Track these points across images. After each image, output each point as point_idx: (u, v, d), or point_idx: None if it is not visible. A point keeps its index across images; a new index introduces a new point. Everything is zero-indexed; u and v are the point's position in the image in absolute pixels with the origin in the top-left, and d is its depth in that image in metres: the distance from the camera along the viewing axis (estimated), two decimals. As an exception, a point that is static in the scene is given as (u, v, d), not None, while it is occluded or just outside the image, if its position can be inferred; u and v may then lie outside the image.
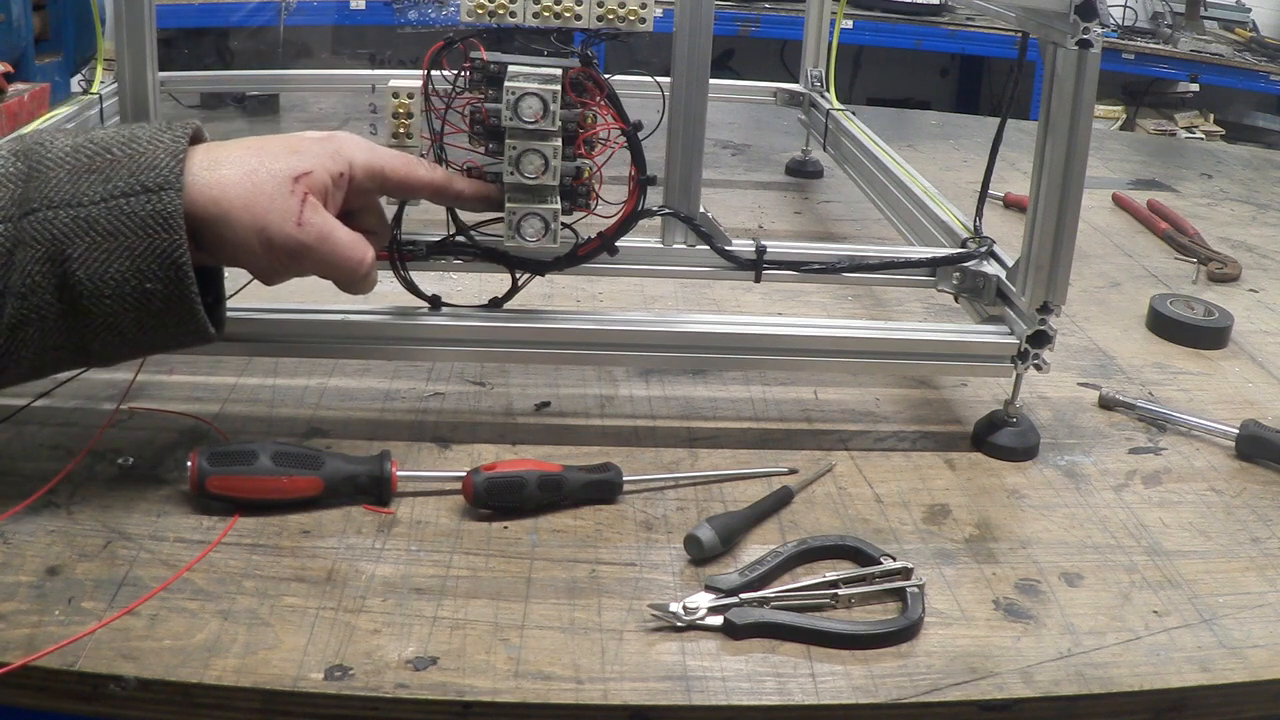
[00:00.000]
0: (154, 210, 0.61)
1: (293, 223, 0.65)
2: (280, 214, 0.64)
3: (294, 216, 0.65)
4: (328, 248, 0.67)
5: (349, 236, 0.69)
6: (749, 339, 0.85)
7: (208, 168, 0.64)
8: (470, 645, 0.64)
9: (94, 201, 0.61)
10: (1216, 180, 1.73)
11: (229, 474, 0.72)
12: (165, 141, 0.63)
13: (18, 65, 1.41)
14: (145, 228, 0.61)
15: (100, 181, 0.62)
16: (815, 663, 0.64)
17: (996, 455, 0.87)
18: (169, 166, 0.62)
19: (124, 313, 0.63)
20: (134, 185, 0.62)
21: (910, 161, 1.18)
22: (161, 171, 0.62)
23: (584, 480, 0.76)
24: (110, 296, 0.62)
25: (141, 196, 0.61)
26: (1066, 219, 0.82)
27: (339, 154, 0.69)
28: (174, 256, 0.62)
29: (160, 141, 0.63)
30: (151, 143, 0.63)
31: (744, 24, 3.50)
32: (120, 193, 0.61)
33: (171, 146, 0.63)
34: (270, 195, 0.64)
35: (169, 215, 0.61)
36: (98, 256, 0.61)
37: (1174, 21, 3.90)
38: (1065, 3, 0.77)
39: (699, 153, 0.84)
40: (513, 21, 0.77)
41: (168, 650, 0.61)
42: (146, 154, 0.62)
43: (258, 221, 0.64)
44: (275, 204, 0.64)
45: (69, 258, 0.61)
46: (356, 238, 0.69)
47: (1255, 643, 0.68)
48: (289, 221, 0.65)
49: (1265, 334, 1.14)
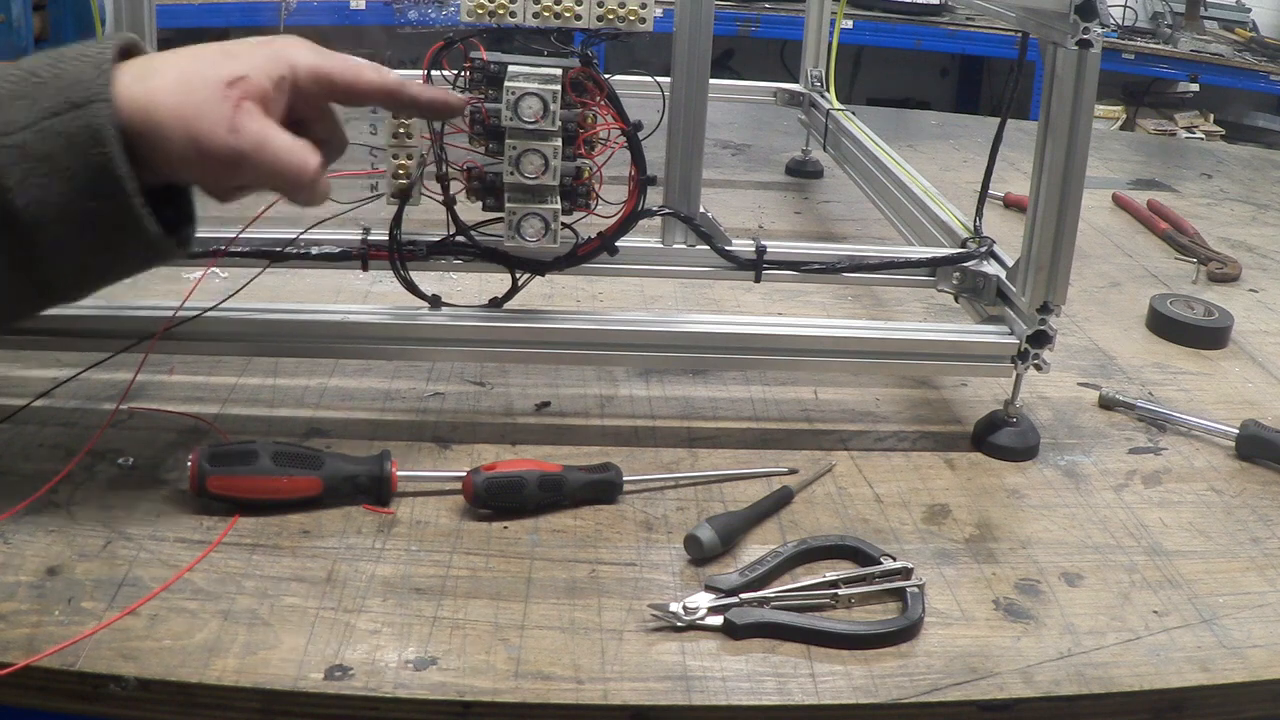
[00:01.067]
0: (83, 126, 0.58)
1: (225, 129, 0.61)
2: (212, 121, 0.61)
3: (227, 122, 0.61)
4: (266, 154, 0.62)
5: (290, 142, 0.64)
6: (749, 339, 0.85)
7: (138, 79, 0.61)
8: (470, 645, 0.64)
9: (23, 127, 0.58)
10: (1216, 180, 1.73)
11: (229, 474, 0.72)
12: (91, 55, 0.60)
13: (18, 65, 1.40)
14: (75, 145, 0.58)
15: (27, 106, 0.59)
16: (815, 663, 0.64)
17: (996, 455, 0.87)
18: (94, 79, 0.59)
19: (73, 238, 0.60)
20: (61, 104, 0.58)
21: (910, 161, 1.18)
22: (88, 85, 0.58)
23: (584, 480, 0.76)
24: (55, 222, 0.59)
25: (69, 115, 0.58)
26: (1066, 219, 0.82)
27: (279, 56, 0.65)
28: (109, 169, 0.58)
29: (86, 56, 0.60)
30: (78, 59, 0.60)
31: (744, 24, 3.49)
32: (48, 114, 0.58)
33: (97, 59, 0.60)
34: (202, 102, 0.61)
35: (98, 129, 0.58)
36: (35, 182, 0.58)
37: (1174, 21, 3.90)
38: (1065, 3, 0.77)
39: (699, 153, 0.84)
40: (513, 21, 0.77)
41: (168, 650, 0.61)
42: (72, 71, 0.59)
43: (190, 130, 0.60)
44: (207, 110, 0.61)
45: (6, 188, 0.58)
46: (300, 143, 0.65)
47: (1255, 643, 0.68)
48: (221, 128, 0.61)
49: (1265, 334, 1.14)
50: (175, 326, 0.78)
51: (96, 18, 1.33)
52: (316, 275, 0.99)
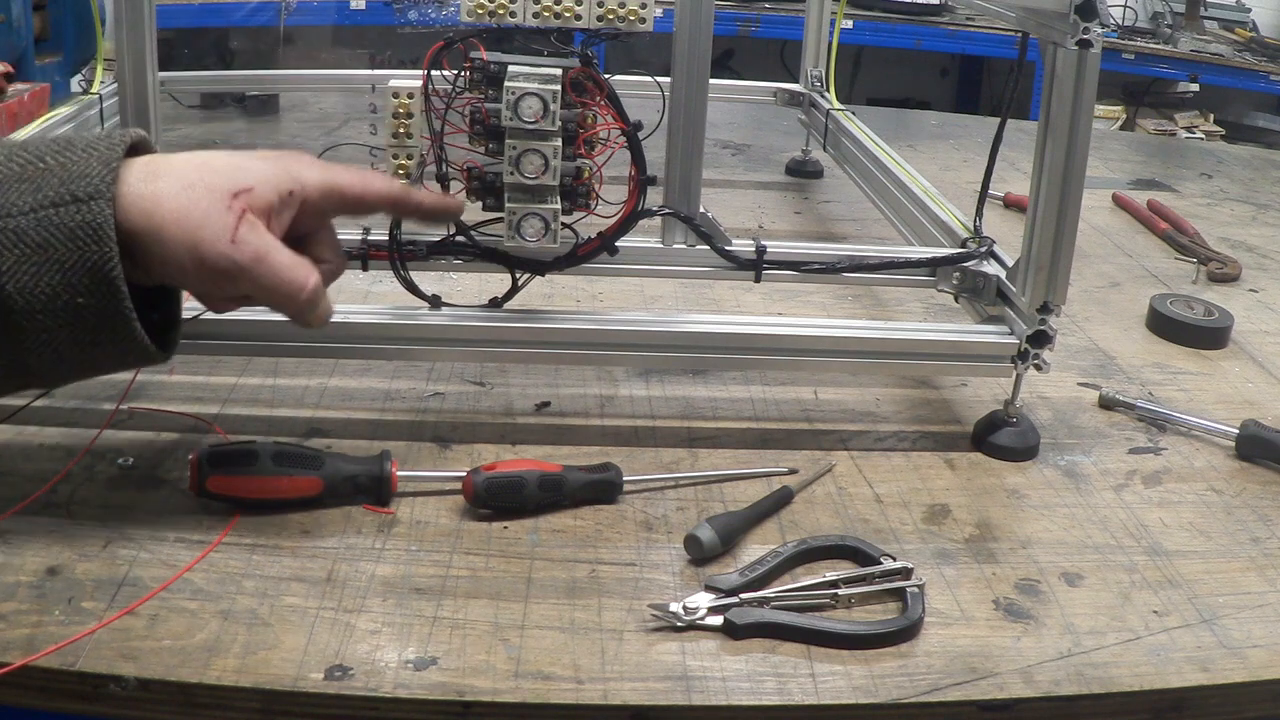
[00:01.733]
0: (83, 221, 0.58)
1: (226, 240, 0.61)
2: (214, 230, 0.61)
3: (228, 234, 0.61)
4: (264, 268, 0.62)
5: (290, 259, 0.64)
6: (749, 339, 0.85)
7: (144, 179, 0.61)
8: (470, 645, 0.64)
9: (23, 212, 0.58)
10: (1216, 180, 1.73)
11: (229, 474, 0.72)
12: (100, 150, 0.60)
13: (18, 65, 1.40)
14: (75, 239, 0.58)
15: (31, 191, 0.58)
16: (815, 663, 0.64)
17: (996, 455, 0.87)
18: (101, 176, 0.59)
19: (58, 329, 0.60)
20: (64, 195, 0.58)
21: (910, 161, 1.18)
22: (93, 180, 0.59)
23: (584, 480, 0.76)
24: (42, 312, 0.59)
25: (71, 206, 0.58)
26: (1066, 219, 0.82)
27: (287, 171, 0.65)
28: (104, 269, 0.58)
29: (95, 150, 0.60)
30: (85, 151, 0.60)
31: (744, 24, 3.49)
32: (50, 202, 0.58)
33: (106, 155, 0.60)
34: (205, 210, 0.61)
35: (99, 226, 0.58)
36: (28, 270, 0.58)
37: (1174, 21, 3.90)
38: (1065, 3, 0.77)
39: (699, 153, 0.84)
40: (513, 21, 0.77)
41: (168, 650, 0.61)
42: (79, 162, 0.59)
43: (190, 237, 0.60)
44: (209, 220, 0.61)
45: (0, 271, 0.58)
46: (300, 260, 0.65)
47: (1255, 643, 0.68)
48: (222, 239, 0.61)
49: (1265, 334, 1.14)
50: (175, 326, 0.78)
51: (96, 18, 1.32)
52: (316, 275, 0.99)
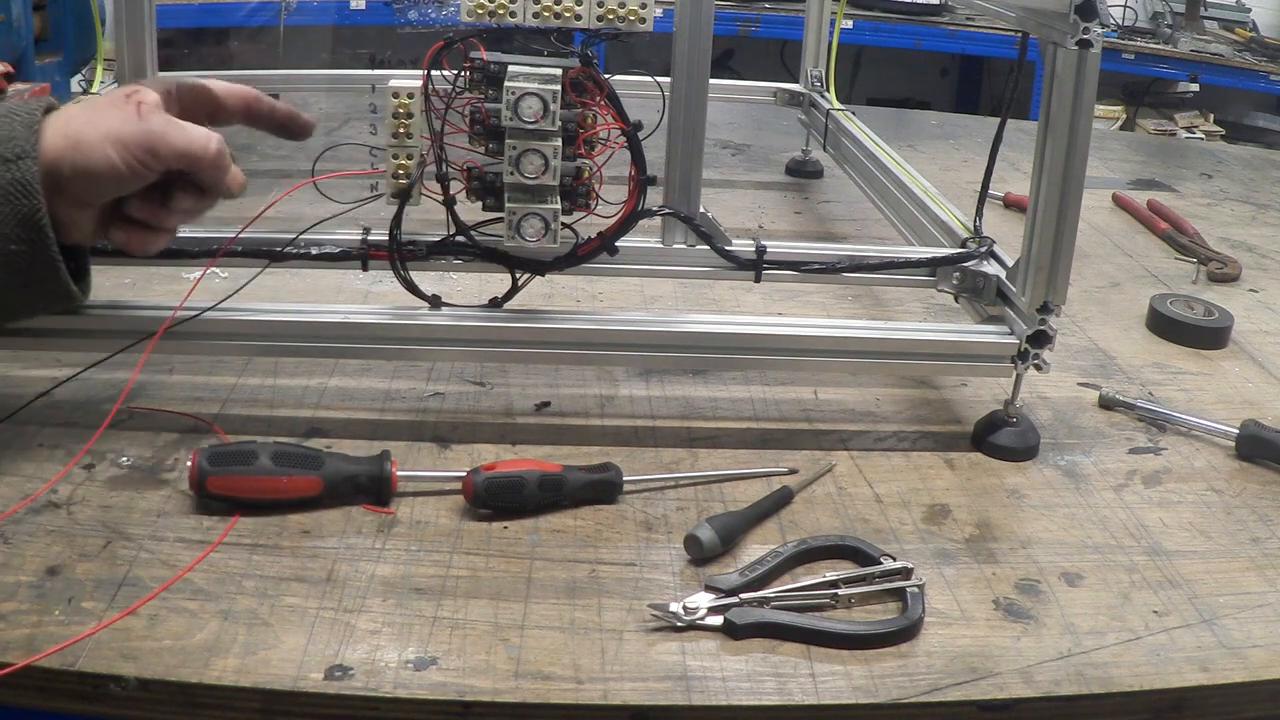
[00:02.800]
0: (14, 179, 0.67)
1: (135, 119, 0.70)
2: (122, 116, 0.70)
3: (135, 115, 0.70)
4: (175, 129, 0.71)
5: (193, 126, 0.73)
6: (749, 339, 0.85)
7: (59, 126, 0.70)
8: (470, 645, 0.64)
9: None
10: (1216, 180, 1.73)
11: (229, 474, 0.72)
12: (21, 115, 0.69)
13: (18, 65, 1.40)
14: (6, 195, 0.67)
15: None
16: (815, 663, 0.64)
17: (996, 455, 0.87)
18: (25, 138, 0.68)
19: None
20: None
21: (910, 161, 1.18)
22: (19, 143, 0.67)
23: (584, 480, 0.76)
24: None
25: (0, 167, 0.67)
26: (1066, 219, 0.82)
27: (158, 79, 0.78)
28: (35, 219, 0.67)
29: (16, 116, 0.69)
30: (8, 118, 0.69)
31: (744, 24, 3.50)
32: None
33: (27, 119, 0.69)
34: (109, 109, 0.70)
35: (27, 182, 0.67)
36: None
37: (1174, 21, 3.90)
38: (1065, 3, 0.77)
39: (699, 153, 0.84)
40: (513, 21, 0.77)
41: (168, 650, 0.61)
42: (3, 129, 0.68)
43: (106, 130, 0.69)
44: (115, 112, 0.70)
45: None
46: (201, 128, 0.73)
47: (1255, 643, 0.68)
48: (131, 120, 0.70)
49: (1265, 334, 1.14)
50: (175, 326, 0.78)
51: (96, 18, 1.32)
52: (316, 275, 0.99)
